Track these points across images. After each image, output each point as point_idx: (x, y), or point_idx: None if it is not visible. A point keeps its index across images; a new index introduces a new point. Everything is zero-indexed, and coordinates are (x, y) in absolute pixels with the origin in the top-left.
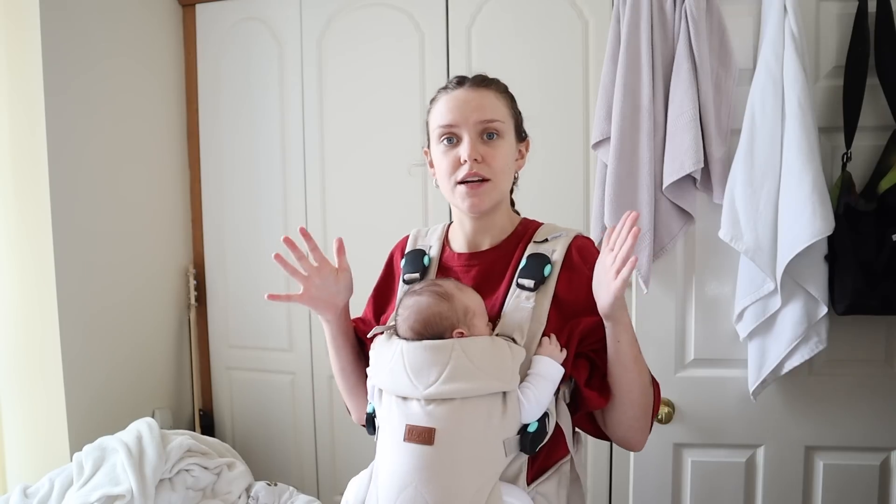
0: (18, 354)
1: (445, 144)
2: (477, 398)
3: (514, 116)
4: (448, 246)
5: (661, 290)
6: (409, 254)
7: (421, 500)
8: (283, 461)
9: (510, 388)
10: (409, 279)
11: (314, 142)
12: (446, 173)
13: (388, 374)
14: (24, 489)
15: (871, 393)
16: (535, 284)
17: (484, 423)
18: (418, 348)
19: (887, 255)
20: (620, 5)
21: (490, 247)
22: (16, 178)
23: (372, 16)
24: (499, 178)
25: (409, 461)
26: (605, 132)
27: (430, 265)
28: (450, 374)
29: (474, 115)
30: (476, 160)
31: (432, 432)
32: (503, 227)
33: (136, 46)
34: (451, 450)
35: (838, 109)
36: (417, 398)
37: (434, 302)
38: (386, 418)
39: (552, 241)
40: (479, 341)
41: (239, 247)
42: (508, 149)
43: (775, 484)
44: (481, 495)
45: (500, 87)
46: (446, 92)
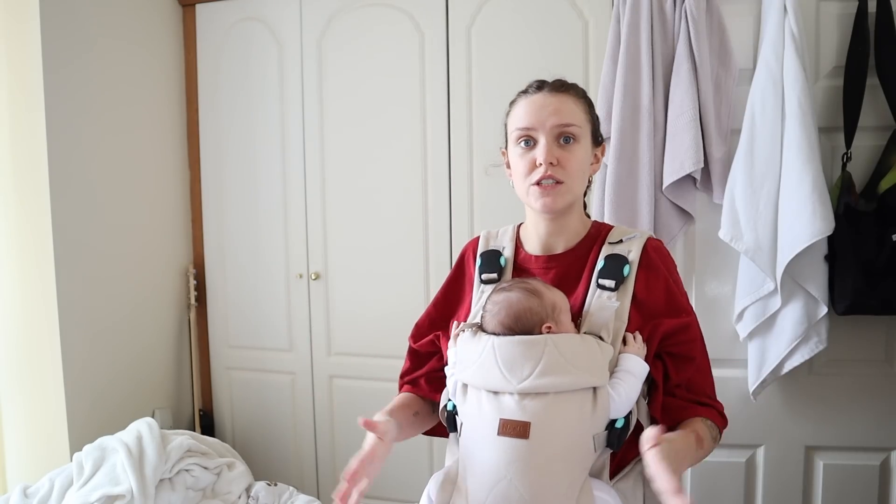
0: (18, 354)
1: (522, 147)
2: (569, 393)
3: (590, 121)
4: (521, 247)
5: None
6: (485, 254)
7: (515, 494)
8: (283, 461)
9: (601, 384)
10: (486, 279)
11: (314, 141)
12: (522, 175)
13: (477, 369)
14: (24, 489)
15: (871, 393)
16: (616, 284)
17: (576, 418)
18: (511, 343)
19: (887, 255)
20: (620, 5)
21: (565, 249)
22: (16, 178)
23: (372, 16)
24: (573, 181)
25: (503, 455)
26: (605, 132)
27: (506, 265)
28: (543, 369)
29: (551, 120)
30: (552, 163)
31: (527, 426)
32: (577, 229)
33: (136, 46)
34: (545, 444)
35: (838, 109)
36: (511, 392)
37: (525, 297)
38: (474, 413)
39: (627, 242)
40: (569, 338)
41: (239, 247)
42: (584, 153)
43: (775, 484)
44: (573, 489)
45: (579, 91)
46: (525, 95)
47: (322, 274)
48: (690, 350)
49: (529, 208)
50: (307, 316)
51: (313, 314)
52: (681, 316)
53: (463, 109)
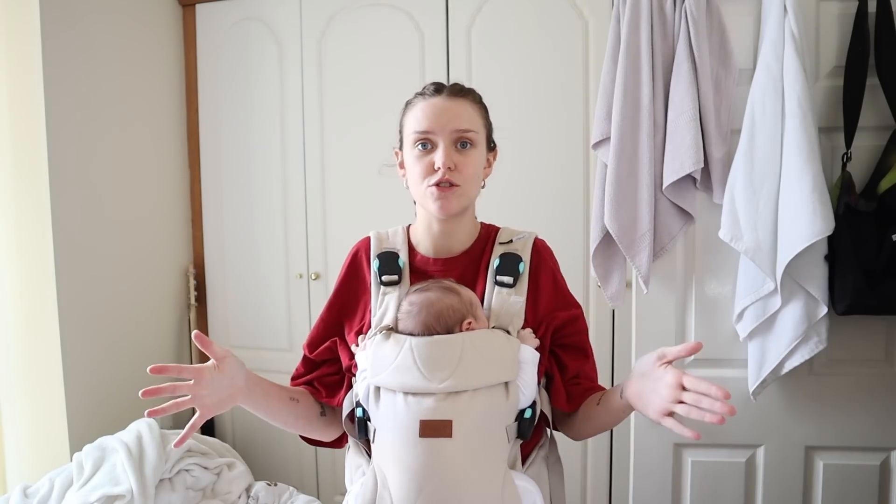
0: (18, 354)
1: (420, 149)
2: (485, 388)
3: (486, 127)
4: (415, 250)
5: (661, 290)
6: (383, 255)
7: (445, 494)
8: (283, 461)
9: (513, 378)
10: (387, 280)
11: (314, 141)
12: (419, 177)
13: (393, 371)
14: (24, 489)
15: (871, 393)
16: (514, 281)
17: (492, 412)
18: (429, 343)
19: (887, 255)
20: (620, 5)
21: (461, 251)
22: (16, 178)
23: (372, 16)
24: (468, 185)
25: (428, 456)
26: (605, 132)
27: (405, 268)
28: (463, 367)
29: (451, 124)
30: (450, 168)
31: (450, 425)
32: (469, 231)
33: (136, 46)
34: (467, 440)
35: (838, 109)
36: (431, 392)
37: (444, 296)
38: (390, 417)
39: (517, 242)
40: (484, 334)
41: (239, 247)
42: (479, 158)
43: (775, 484)
44: (497, 482)
45: (476, 97)
46: (423, 98)
47: (322, 274)
48: (581, 341)
49: (424, 210)
50: (307, 316)
51: (313, 314)
52: (570, 307)
53: None
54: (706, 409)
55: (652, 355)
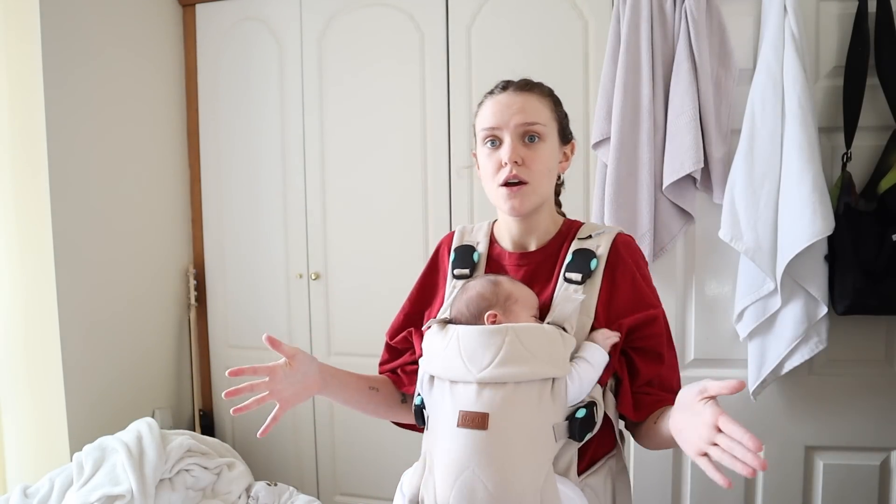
0: (19, 354)
1: (489, 147)
2: (528, 383)
3: (557, 119)
4: (496, 243)
5: (661, 290)
6: (459, 249)
7: (479, 484)
8: (283, 461)
9: (561, 374)
10: (458, 274)
11: (314, 141)
12: (489, 175)
13: (441, 361)
14: (24, 489)
15: (871, 393)
16: (583, 278)
17: (535, 408)
18: (473, 333)
19: (887, 255)
20: (620, 5)
21: (537, 247)
22: (16, 178)
23: (372, 16)
24: (539, 181)
25: (465, 446)
26: (605, 132)
27: (479, 261)
28: (503, 358)
29: (515, 119)
30: (516, 162)
31: (486, 417)
32: (547, 227)
33: (136, 46)
34: (505, 434)
35: (838, 109)
36: (470, 381)
37: (480, 284)
38: (438, 406)
39: (596, 238)
40: (531, 328)
41: (239, 247)
42: (550, 151)
43: (775, 484)
44: (537, 481)
45: (545, 90)
46: (491, 96)
47: (322, 274)
48: (657, 345)
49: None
50: (307, 316)
51: (313, 314)
52: (648, 307)
53: (463, 109)
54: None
55: (694, 388)
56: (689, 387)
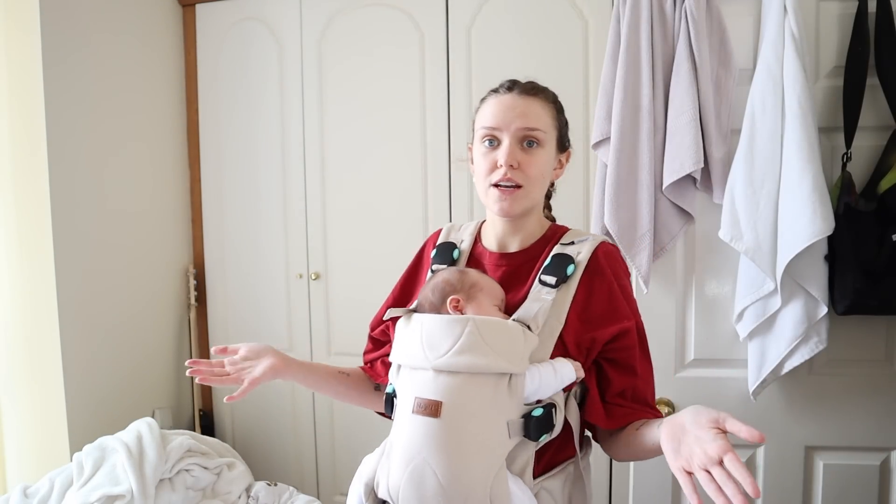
0: (18, 355)
1: (486, 146)
2: (484, 376)
3: (557, 127)
4: (480, 241)
5: (661, 290)
6: (440, 246)
7: (430, 472)
8: (283, 461)
9: (518, 371)
10: (437, 269)
11: (314, 141)
12: (483, 174)
13: (405, 348)
14: (24, 489)
15: (871, 393)
16: (557, 282)
17: (489, 401)
18: (435, 320)
19: (887, 255)
20: (620, 5)
21: (519, 249)
22: (16, 178)
23: (372, 16)
24: (532, 186)
25: (418, 433)
26: (605, 132)
27: (460, 258)
28: (460, 347)
29: (517, 122)
30: (512, 166)
31: (439, 405)
32: (533, 231)
33: (136, 46)
34: (457, 424)
35: (838, 109)
36: (427, 368)
37: (447, 272)
38: (401, 392)
39: (578, 244)
40: (493, 322)
41: (239, 247)
42: (546, 158)
43: (775, 484)
44: (488, 474)
45: (549, 96)
46: (495, 95)
47: (322, 274)
48: (629, 357)
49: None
50: (307, 316)
51: (313, 314)
52: (620, 319)
53: (463, 109)
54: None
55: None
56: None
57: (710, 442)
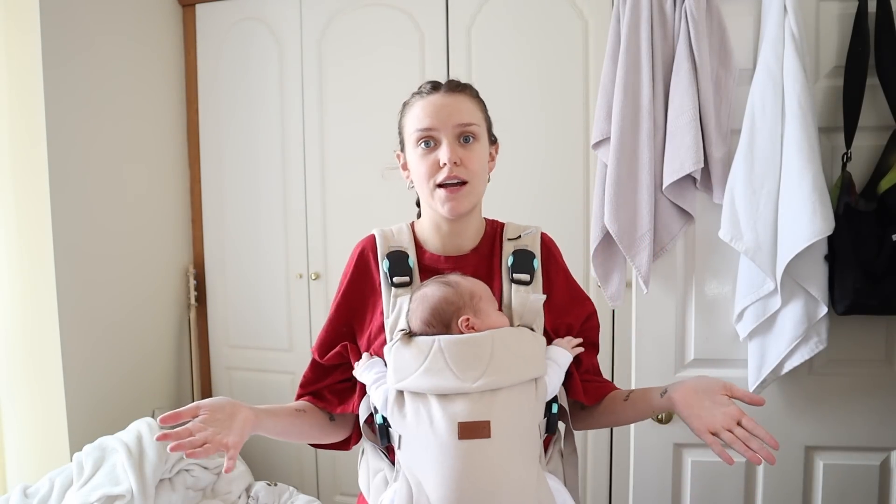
0: (18, 354)
1: (423, 148)
2: (519, 386)
3: (486, 120)
4: (423, 248)
5: (661, 290)
6: (392, 255)
7: (484, 494)
8: (283, 461)
9: (542, 374)
10: (399, 282)
11: (314, 141)
12: (425, 177)
13: (423, 375)
14: (24, 489)
15: (871, 393)
16: (530, 278)
17: (526, 409)
18: (459, 343)
19: (887, 255)
20: (620, 5)
21: (471, 249)
22: (16, 178)
23: (372, 16)
24: (476, 181)
25: (467, 458)
26: (605, 132)
27: (414, 267)
28: (495, 366)
29: (452, 119)
30: (455, 163)
31: (488, 425)
32: (477, 228)
33: (137, 46)
34: (505, 439)
35: (838, 109)
36: (466, 392)
37: (439, 288)
38: (423, 422)
39: (525, 238)
40: (511, 332)
41: (239, 247)
42: (483, 151)
43: (775, 484)
44: (531, 481)
45: (473, 91)
46: (421, 97)
47: (322, 274)
48: (594, 336)
49: (432, 210)
50: (307, 316)
51: (313, 314)
52: (585, 304)
53: None
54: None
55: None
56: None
57: (727, 405)
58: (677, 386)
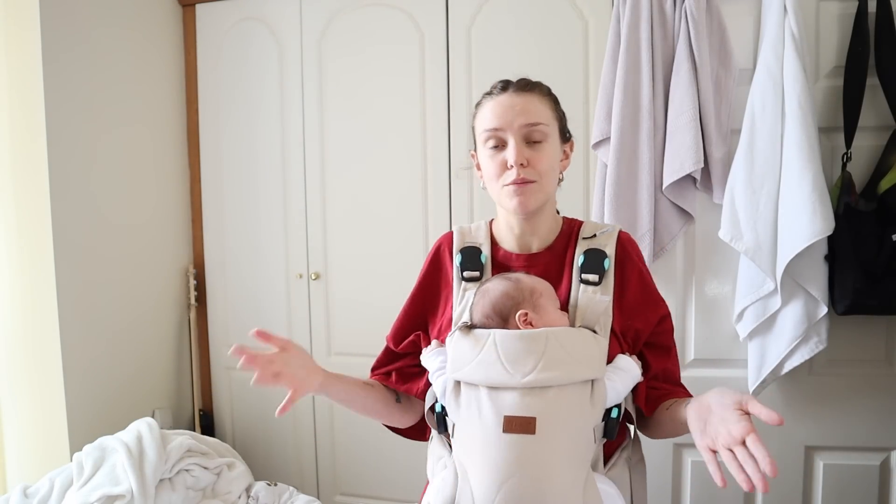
0: (19, 354)
1: (492, 148)
2: (570, 386)
3: (558, 118)
4: (498, 245)
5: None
6: (465, 251)
7: (525, 490)
8: (283, 461)
9: (599, 376)
10: (469, 276)
11: (314, 141)
12: (494, 176)
13: (477, 366)
14: (24, 489)
15: (871, 393)
16: (599, 279)
17: (577, 410)
18: (513, 337)
19: (887, 255)
20: (620, 5)
21: (543, 247)
22: (16, 178)
23: (372, 16)
24: (545, 180)
25: (510, 452)
26: (605, 132)
27: (486, 263)
28: (546, 363)
29: (519, 119)
30: (522, 164)
31: (533, 421)
32: (551, 227)
33: (137, 46)
34: (551, 438)
35: (838, 109)
36: (514, 387)
37: (501, 283)
38: (473, 413)
39: (601, 237)
40: (569, 332)
41: (239, 247)
42: (553, 151)
43: (775, 484)
44: (579, 482)
45: (544, 89)
46: (491, 97)
47: (322, 274)
48: (667, 340)
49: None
50: (307, 316)
51: (313, 314)
52: (658, 307)
53: (463, 110)
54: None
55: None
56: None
57: (734, 423)
58: (697, 398)
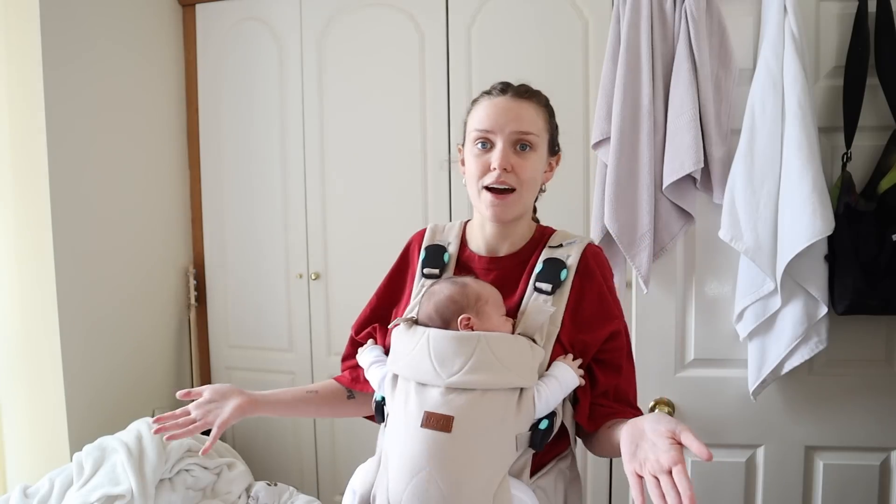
0: (19, 354)
1: (479, 148)
2: (495, 392)
3: (549, 130)
4: (467, 245)
5: (661, 290)
6: (430, 248)
7: (433, 485)
8: (283, 461)
9: (528, 385)
10: (428, 273)
11: (314, 141)
12: (475, 176)
13: (409, 361)
14: (24, 489)
15: (871, 393)
16: (553, 288)
17: (500, 417)
18: (445, 338)
19: (887, 255)
20: (620, 5)
21: (508, 253)
22: (16, 178)
23: (372, 16)
24: (524, 190)
25: (425, 447)
26: (605, 132)
27: (449, 262)
28: (473, 366)
29: (511, 125)
30: (505, 169)
31: (450, 420)
32: (522, 234)
33: (137, 46)
34: (467, 439)
35: (838, 109)
36: (438, 385)
37: (448, 287)
38: (400, 405)
39: (567, 247)
40: (502, 337)
41: (239, 247)
42: (538, 161)
43: (775, 484)
44: (491, 486)
45: (542, 99)
46: (488, 97)
47: (322, 274)
48: (617, 357)
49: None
50: (307, 316)
51: (313, 314)
52: (610, 323)
53: (463, 110)
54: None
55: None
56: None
57: (664, 451)
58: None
